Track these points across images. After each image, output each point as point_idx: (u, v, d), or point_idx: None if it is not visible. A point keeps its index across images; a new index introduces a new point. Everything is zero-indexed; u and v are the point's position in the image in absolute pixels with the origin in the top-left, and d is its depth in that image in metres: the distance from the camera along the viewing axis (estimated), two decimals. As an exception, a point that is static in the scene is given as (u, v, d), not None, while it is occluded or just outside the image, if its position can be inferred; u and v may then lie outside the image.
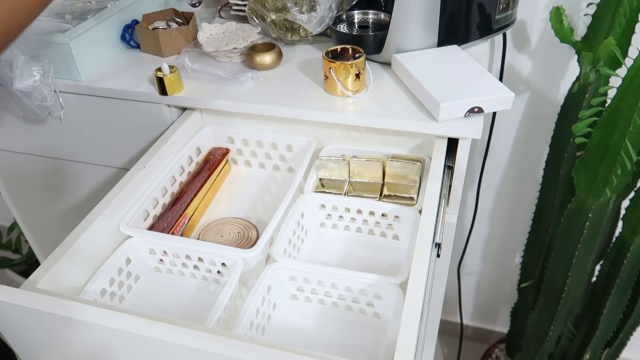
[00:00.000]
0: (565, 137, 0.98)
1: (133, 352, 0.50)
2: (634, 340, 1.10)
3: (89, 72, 0.85)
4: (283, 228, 0.66)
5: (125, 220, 0.66)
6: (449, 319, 1.63)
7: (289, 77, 0.82)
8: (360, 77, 0.75)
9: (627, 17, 0.79)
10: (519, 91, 1.10)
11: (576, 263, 0.96)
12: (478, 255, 1.47)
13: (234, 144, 0.84)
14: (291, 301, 0.66)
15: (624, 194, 0.94)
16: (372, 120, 0.72)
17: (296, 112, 0.75)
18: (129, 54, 0.91)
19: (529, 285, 1.20)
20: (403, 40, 0.79)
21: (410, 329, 0.46)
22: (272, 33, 0.90)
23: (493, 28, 0.83)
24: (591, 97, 0.87)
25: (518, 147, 1.20)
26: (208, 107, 0.79)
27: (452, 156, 0.73)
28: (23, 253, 1.72)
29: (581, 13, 0.96)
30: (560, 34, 0.87)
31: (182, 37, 0.89)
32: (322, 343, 0.62)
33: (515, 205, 1.31)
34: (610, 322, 1.04)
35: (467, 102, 0.67)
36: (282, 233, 0.65)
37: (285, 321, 0.64)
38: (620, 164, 0.80)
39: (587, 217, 0.90)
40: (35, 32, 0.81)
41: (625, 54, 0.83)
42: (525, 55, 1.05)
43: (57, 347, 0.54)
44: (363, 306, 0.63)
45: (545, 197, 1.10)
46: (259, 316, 0.60)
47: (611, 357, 1.11)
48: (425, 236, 0.56)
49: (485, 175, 1.16)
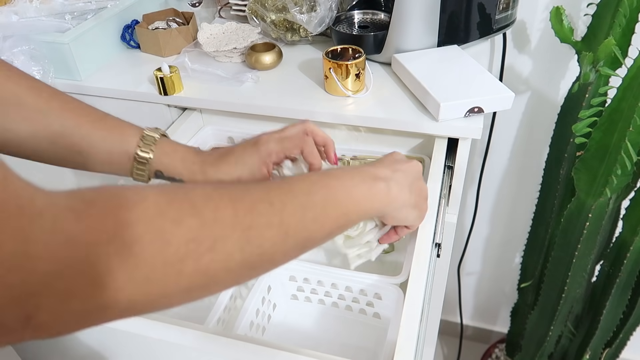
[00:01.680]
0: (565, 137, 0.98)
1: (133, 352, 0.50)
2: (634, 340, 1.09)
3: (89, 72, 0.85)
4: None
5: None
6: (449, 319, 1.63)
7: (289, 77, 0.82)
8: (360, 77, 0.75)
9: (627, 17, 0.79)
10: (519, 91, 1.10)
11: (576, 263, 0.96)
12: (478, 255, 1.47)
13: (234, 144, 0.84)
14: (291, 301, 0.66)
15: (624, 194, 0.94)
16: (372, 120, 0.72)
17: (296, 112, 0.75)
18: (129, 54, 0.91)
19: (529, 285, 1.20)
20: (403, 40, 0.79)
21: (410, 329, 0.46)
22: (272, 33, 0.90)
23: (493, 28, 0.83)
24: (591, 97, 0.87)
25: (518, 147, 1.20)
26: (208, 107, 0.79)
27: (452, 156, 0.73)
28: (23, 253, 1.72)
29: (581, 13, 0.96)
30: (560, 34, 0.87)
31: (182, 37, 0.89)
32: (322, 343, 0.62)
33: (515, 205, 1.31)
34: (610, 322, 1.04)
35: (467, 102, 0.67)
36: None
37: (285, 321, 0.64)
38: (620, 164, 0.80)
39: (587, 217, 0.90)
40: (35, 32, 0.81)
41: (625, 54, 0.83)
42: (525, 55, 1.05)
43: (57, 347, 0.54)
44: (363, 306, 0.63)
45: (545, 197, 1.10)
46: (259, 316, 0.60)
47: (611, 357, 1.11)
48: (425, 236, 0.56)
49: (485, 175, 1.16)
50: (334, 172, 0.43)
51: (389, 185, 0.45)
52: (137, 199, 0.30)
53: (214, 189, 0.34)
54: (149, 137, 0.54)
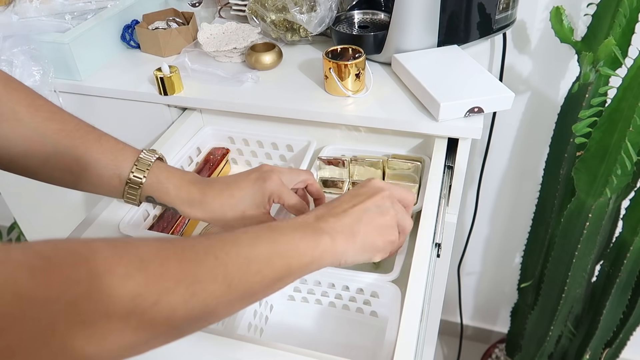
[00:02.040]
0: (565, 137, 0.98)
1: (133, 352, 0.50)
2: (634, 340, 1.10)
3: (89, 72, 0.85)
4: None
5: (125, 220, 0.66)
6: (449, 319, 1.63)
7: (289, 77, 0.82)
8: (360, 77, 0.75)
9: (627, 17, 0.79)
10: (519, 91, 1.10)
11: (576, 263, 0.96)
12: (478, 255, 1.47)
13: (234, 144, 0.84)
14: (288, 302, 0.66)
15: (624, 194, 0.94)
16: (372, 120, 0.72)
17: (296, 112, 0.75)
18: (129, 54, 0.91)
19: (529, 286, 1.20)
20: (403, 40, 0.79)
21: (410, 329, 0.46)
22: (272, 33, 0.90)
23: (493, 28, 0.83)
24: (591, 97, 0.87)
25: (518, 147, 1.20)
26: (208, 107, 0.79)
27: (452, 156, 0.73)
28: (23, 253, 1.72)
29: (581, 13, 0.96)
30: (560, 34, 0.87)
31: (182, 37, 0.89)
32: (320, 343, 0.62)
33: (515, 205, 1.31)
34: (610, 322, 1.04)
35: (467, 102, 0.67)
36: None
37: (282, 322, 0.64)
38: (620, 164, 0.80)
39: (587, 217, 0.90)
40: (35, 32, 0.81)
41: (625, 54, 0.83)
42: (525, 55, 1.05)
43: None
44: (360, 305, 0.63)
45: (545, 197, 1.10)
46: (256, 318, 0.60)
47: (611, 357, 1.11)
48: (425, 236, 0.56)
49: (485, 175, 1.16)
50: (281, 224, 0.43)
51: (334, 241, 0.43)
52: (88, 255, 0.30)
53: (162, 244, 0.35)
54: (144, 160, 0.54)
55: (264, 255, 0.39)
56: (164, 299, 0.32)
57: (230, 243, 0.38)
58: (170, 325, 0.33)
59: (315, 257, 0.42)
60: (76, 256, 0.30)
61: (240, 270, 0.37)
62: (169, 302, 0.32)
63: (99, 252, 0.31)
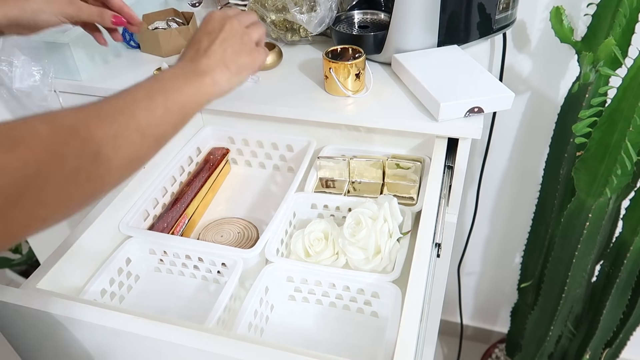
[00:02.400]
0: (565, 137, 0.98)
1: (133, 352, 0.50)
2: (634, 340, 1.10)
3: (89, 72, 0.85)
4: (275, 227, 0.65)
5: (125, 220, 0.66)
6: (449, 319, 1.63)
7: (289, 77, 0.82)
8: (360, 77, 0.75)
9: (627, 17, 0.79)
10: (519, 91, 1.10)
11: (576, 263, 0.96)
12: (478, 255, 1.47)
13: (234, 144, 0.84)
14: (289, 302, 0.66)
15: (624, 194, 0.94)
16: (372, 120, 0.72)
17: (296, 112, 0.75)
18: (129, 54, 0.91)
19: (529, 286, 1.20)
20: (403, 40, 0.79)
21: (410, 329, 0.46)
22: (272, 33, 0.90)
23: (493, 28, 0.83)
24: (591, 97, 0.87)
25: (518, 147, 1.20)
26: (208, 107, 0.79)
27: (452, 156, 0.73)
28: (23, 253, 1.72)
29: (581, 13, 0.96)
30: (560, 34, 0.87)
31: (182, 37, 0.89)
32: (320, 343, 0.62)
33: (515, 205, 1.31)
34: (610, 322, 1.04)
35: (467, 102, 0.67)
36: (274, 232, 0.65)
37: (283, 322, 0.64)
38: (620, 164, 0.80)
39: (587, 217, 0.90)
40: (35, 32, 0.81)
41: (625, 54, 0.83)
42: (525, 55, 1.05)
43: (57, 347, 0.54)
44: (361, 305, 0.63)
45: (545, 197, 1.10)
46: (257, 318, 0.60)
47: (611, 357, 1.11)
48: (425, 236, 0.56)
49: (485, 175, 1.16)
50: (163, 75, 0.48)
51: (213, 77, 0.51)
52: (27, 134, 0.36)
53: (79, 110, 0.40)
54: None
55: (161, 106, 0.45)
56: (100, 157, 0.38)
57: (129, 102, 0.44)
58: (109, 174, 0.40)
59: (203, 96, 0.50)
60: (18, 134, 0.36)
61: (147, 120, 0.43)
62: (103, 157, 0.39)
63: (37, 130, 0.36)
